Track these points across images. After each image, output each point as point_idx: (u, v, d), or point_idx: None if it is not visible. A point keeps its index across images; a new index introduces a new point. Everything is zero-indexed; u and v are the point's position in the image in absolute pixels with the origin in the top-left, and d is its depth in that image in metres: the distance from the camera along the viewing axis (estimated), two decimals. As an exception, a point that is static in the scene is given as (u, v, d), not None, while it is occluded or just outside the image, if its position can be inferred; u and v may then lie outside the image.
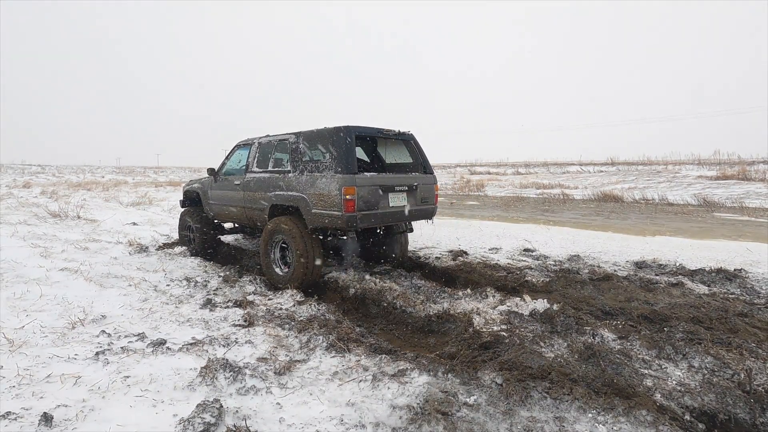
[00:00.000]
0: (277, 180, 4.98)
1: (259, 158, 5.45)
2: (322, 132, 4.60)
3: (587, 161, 35.99)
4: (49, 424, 2.08)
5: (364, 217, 4.30)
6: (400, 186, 4.71)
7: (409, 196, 4.81)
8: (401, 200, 4.73)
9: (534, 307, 3.81)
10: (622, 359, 2.86)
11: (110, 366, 2.71)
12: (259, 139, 5.57)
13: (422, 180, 5.02)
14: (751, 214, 12.35)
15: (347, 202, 4.15)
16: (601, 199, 17.97)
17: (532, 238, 7.65)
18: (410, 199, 4.83)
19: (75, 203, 11.77)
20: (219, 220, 6.43)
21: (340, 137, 4.37)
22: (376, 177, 4.50)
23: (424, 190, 5.01)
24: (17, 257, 5.26)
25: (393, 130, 4.97)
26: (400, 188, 4.70)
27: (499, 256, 6.56)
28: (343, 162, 4.26)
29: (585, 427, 2.14)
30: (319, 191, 4.38)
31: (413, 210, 4.87)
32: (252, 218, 5.48)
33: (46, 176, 32.61)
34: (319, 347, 3.08)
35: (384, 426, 2.17)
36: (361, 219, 4.27)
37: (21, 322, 3.34)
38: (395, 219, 4.72)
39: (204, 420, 2.06)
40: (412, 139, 5.28)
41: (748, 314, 3.77)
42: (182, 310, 3.86)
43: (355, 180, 4.20)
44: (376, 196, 4.41)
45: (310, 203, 4.47)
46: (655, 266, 5.80)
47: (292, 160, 4.88)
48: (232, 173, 5.92)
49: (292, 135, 4.99)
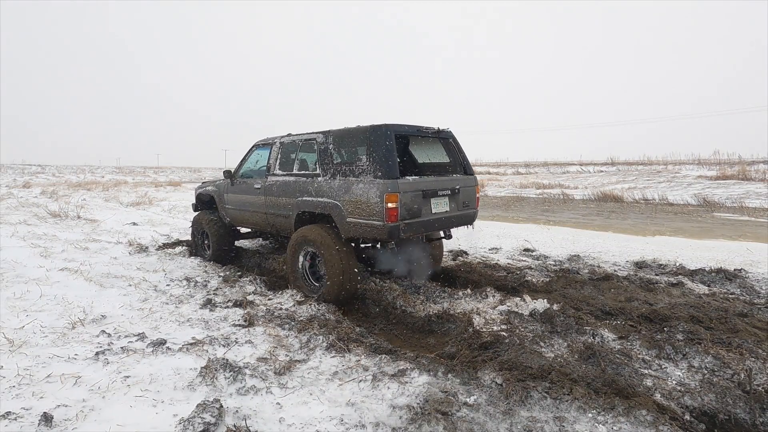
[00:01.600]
0: (304, 184, 4.52)
1: (282, 160, 5.02)
2: (356, 131, 4.17)
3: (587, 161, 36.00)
4: (49, 424, 2.08)
5: (407, 226, 3.87)
6: (443, 190, 4.29)
7: (451, 200, 4.39)
8: (444, 206, 4.31)
9: (534, 307, 3.81)
10: (622, 359, 2.86)
11: (110, 366, 2.71)
12: (281, 138, 5.14)
13: (464, 182, 4.61)
14: (751, 214, 12.35)
15: (390, 211, 3.72)
16: (601, 199, 17.98)
17: (532, 238, 7.65)
18: (452, 203, 4.41)
19: (75, 203, 11.78)
20: (236, 226, 6.01)
21: (379, 137, 3.92)
22: (419, 181, 4.05)
23: (465, 193, 4.59)
24: (17, 257, 5.26)
25: (432, 128, 4.59)
26: (442, 192, 4.28)
27: (499, 256, 6.56)
28: (383, 165, 3.81)
29: (585, 427, 2.14)
30: (356, 198, 3.93)
31: (455, 216, 4.46)
32: (275, 225, 5.06)
33: (46, 176, 32.63)
34: (319, 347, 3.08)
35: (384, 426, 2.17)
36: (404, 229, 3.83)
37: (21, 322, 3.35)
38: (438, 227, 4.33)
39: (204, 420, 2.06)
40: (451, 137, 4.85)
41: (748, 314, 3.77)
42: (182, 310, 3.86)
43: (398, 185, 3.77)
44: (419, 202, 3.98)
45: (345, 211, 4.03)
46: (655, 266, 5.80)
47: (321, 162, 4.42)
48: (251, 176, 5.52)
49: (320, 134, 4.54)
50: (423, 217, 4.03)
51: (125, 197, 15.28)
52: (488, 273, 5.31)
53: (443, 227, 4.42)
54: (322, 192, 4.30)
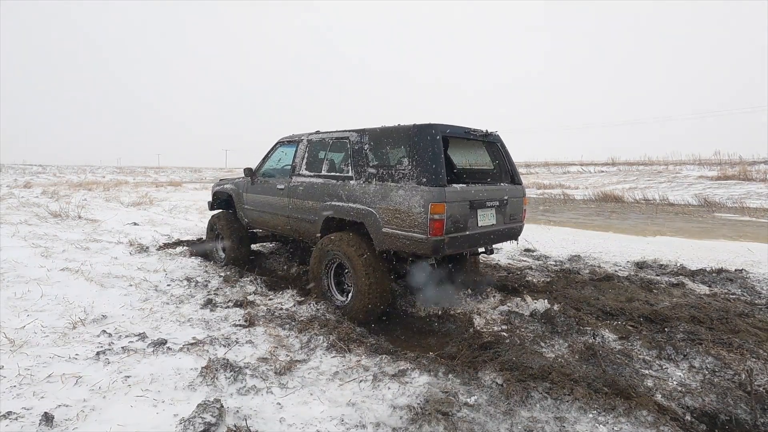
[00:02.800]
0: (334, 187, 4.10)
1: (309, 159, 4.62)
2: (398, 130, 3.75)
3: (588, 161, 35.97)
4: (49, 423, 2.08)
5: (452, 241, 3.44)
6: (491, 201, 3.85)
7: (498, 213, 3.95)
8: (490, 218, 3.87)
9: (534, 308, 3.81)
10: (623, 359, 2.86)
11: (111, 366, 2.71)
12: (309, 135, 4.73)
13: (512, 193, 4.17)
14: (752, 215, 12.33)
15: (435, 223, 3.28)
16: (602, 200, 17.96)
17: (533, 238, 7.64)
18: (499, 216, 3.97)
19: (76, 203, 11.79)
20: (255, 228, 5.62)
21: (425, 139, 3.49)
22: (467, 190, 3.62)
23: (513, 204, 4.14)
24: (18, 257, 5.27)
25: (480, 130, 4.09)
26: (490, 204, 3.84)
27: (499, 256, 6.55)
28: (429, 171, 3.38)
29: (586, 427, 2.14)
30: (395, 206, 3.51)
31: (501, 230, 4.02)
32: (299, 231, 4.65)
33: (47, 176, 32.67)
34: (319, 347, 3.08)
35: (384, 426, 2.17)
36: (449, 244, 3.42)
37: (22, 322, 3.35)
38: (484, 242, 3.89)
39: (204, 420, 2.07)
40: (499, 141, 4.38)
41: (749, 314, 3.77)
42: (183, 310, 3.86)
43: (446, 194, 3.33)
44: (465, 214, 3.55)
45: (381, 220, 3.61)
46: (656, 266, 5.80)
47: (354, 163, 4.00)
48: (274, 175, 5.17)
49: (353, 133, 4.13)
50: (469, 230, 3.60)
51: (126, 197, 15.29)
52: (488, 273, 5.30)
53: (488, 243, 3.97)
54: (354, 197, 3.88)
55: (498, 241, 4.12)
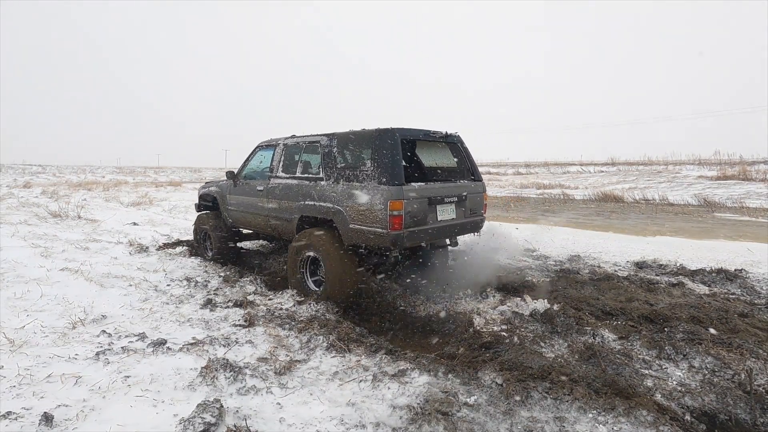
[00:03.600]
0: (307, 188, 4.42)
1: (285, 162, 4.92)
2: (362, 134, 4.08)
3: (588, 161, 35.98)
4: (49, 423, 2.08)
5: (411, 234, 3.78)
6: (450, 197, 4.18)
7: (457, 207, 4.29)
8: (450, 213, 4.20)
9: (534, 307, 3.81)
10: (623, 359, 2.86)
11: (111, 366, 2.72)
12: (285, 140, 5.05)
13: (471, 189, 4.51)
14: (751, 215, 12.34)
15: (394, 219, 3.61)
16: (602, 200, 17.97)
17: (532, 238, 7.64)
18: (458, 211, 4.30)
19: (75, 203, 11.78)
20: (238, 227, 5.98)
21: (385, 141, 3.81)
22: (424, 188, 3.95)
23: (472, 200, 4.49)
24: (18, 257, 5.27)
25: (440, 132, 4.45)
26: (449, 200, 4.17)
27: (499, 256, 6.55)
28: (388, 171, 3.70)
29: (585, 427, 2.14)
30: (359, 204, 3.82)
31: (461, 223, 4.36)
32: (276, 229, 4.96)
33: (47, 176, 32.65)
34: (319, 347, 3.08)
35: (384, 426, 2.17)
36: (408, 237, 3.76)
37: (21, 322, 3.35)
38: (443, 235, 4.24)
39: (204, 420, 2.07)
40: (459, 142, 4.72)
41: (749, 314, 3.77)
42: (183, 310, 3.86)
43: (403, 192, 3.66)
44: (424, 210, 3.87)
45: (348, 217, 3.92)
46: (656, 266, 5.80)
47: (325, 165, 4.30)
48: (254, 177, 5.46)
49: (324, 137, 4.45)
50: (428, 224, 3.93)
51: (126, 197, 15.29)
52: (489, 273, 5.30)
53: (448, 235, 4.33)
54: (325, 197, 4.19)
55: (459, 234, 4.49)
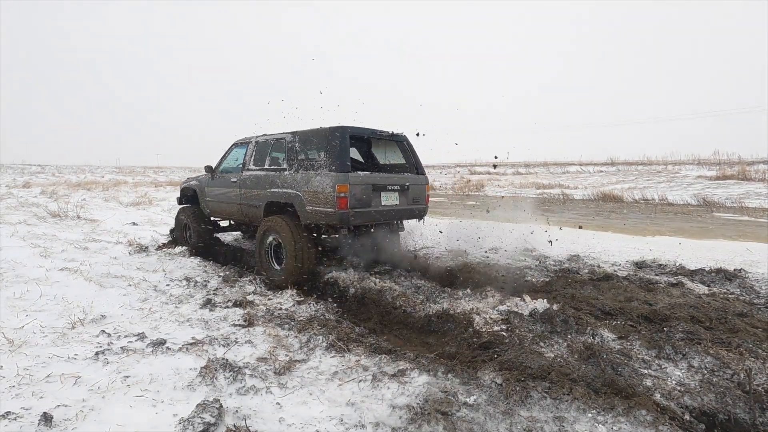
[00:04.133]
0: (273, 177, 5.09)
1: (256, 156, 5.58)
2: (318, 131, 4.77)
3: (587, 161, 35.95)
4: (49, 423, 2.08)
5: (357, 214, 4.48)
6: (392, 186, 4.91)
7: (401, 195, 5.02)
8: (393, 199, 4.93)
9: (534, 307, 3.81)
10: (622, 359, 2.86)
11: (110, 366, 2.71)
12: (257, 137, 5.71)
13: (414, 180, 5.21)
14: (751, 214, 12.35)
15: (340, 200, 4.31)
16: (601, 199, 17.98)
17: (532, 238, 7.64)
18: (402, 198, 5.04)
19: (75, 203, 11.77)
20: (215, 217, 6.58)
21: (336, 137, 4.55)
22: (368, 176, 4.69)
23: (415, 190, 5.20)
24: (17, 257, 5.26)
25: (387, 132, 5.16)
26: (392, 188, 4.90)
27: (498, 255, 6.56)
28: (337, 161, 4.42)
29: (585, 427, 2.14)
30: (314, 189, 4.52)
31: (405, 209, 5.10)
32: (248, 215, 5.62)
33: (46, 176, 32.61)
34: (318, 347, 3.08)
35: (384, 426, 2.17)
36: (354, 216, 4.44)
37: (21, 322, 3.34)
38: (387, 217, 4.94)
39: (204, 420, 2.06)
40: (405, 141, 5.47)
41: (748, 314, 3.77)
42: (182, 310, 3.85)
43: (348, 178, 4.37)
44: (369, 194, 4.58)
45: (305, 200, 4.61)
46: (655, 266, 5.80)
47: (288, 158, 5.01)
48: (230, 171, 6.04)
49: (288, 134, 5.13)
50: (372, 207, 4.65)
51: (125, 197, 15.28)
52: (488, 273, 5.30)
53: (392, 218, 5.09)
54: (287, 184, 4.88)
55: (403, 218, 5.29)
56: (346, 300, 4.39)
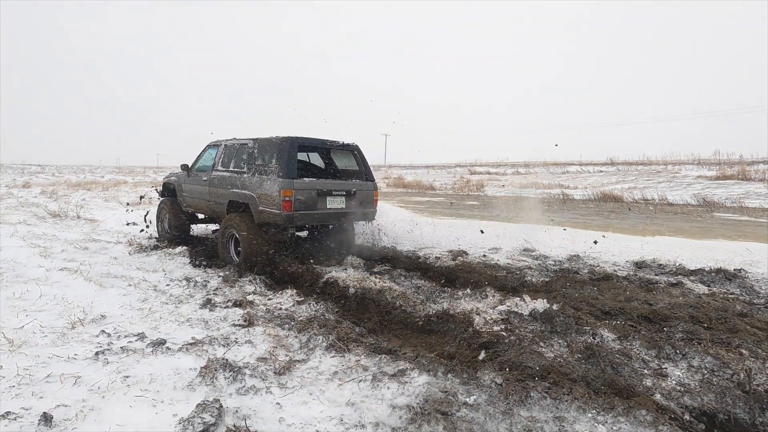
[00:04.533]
0: (235, 179, 5.66)
1: (224, 159, 6.14)
2: (271, 140, 5.31)
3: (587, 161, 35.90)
4: (48, 423, 2.08)
5: (301, 216, 5.01)
6: (338, 191, 5.40)
7: (347, 199, 5.50)
8: (339, 203, 5.42)
9: (534, 307, 3.81)
10: (622, 359, 2.86)
11: (110, 366, 2.71)
12: (226, 141, 6.30)
13: (361, 186, 5.73)
14: (750, 214, 12.36)
15: (285, 203, 4.84)
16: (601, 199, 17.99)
17: (532, 238, 7.64)
18: (348, 202, 5.52)
19: (75, 203, 11.76)
20: (190, 210, 7.16)
21: (285, 146, 5.09)
22: (314, 182, 5.22)
23: (362, 194, 5.70)
24: (17, 257, 5.25)
25: (337, 142, 5.74)
26: (337, 193, 5.39)
27: (498, 255, 6.56)
28: (284, 168, 4.95)
29: (585, 427, 2.14)
30: (265, 192, 5.06)
31: (351, 212, 5.58)
32: (215, 211, 6.23)
33: (46, 176, 32.60)
34: (318, 347, 3.08)
35: (384, 426, 2.17)
36: (298, 218, 4.98)
37: (21, 322, 3.34)
38: (332, 219, 5.43)
39: (204, 420, 2.06)
40: (356, 150, 6.03)
41: (748, 314, 3.77)
42: (182, 310, 3.85)
43: (293, 184, 4.91)
44: (314, 198, 5.12)
45: (258, 202, 5.13)
46: (655, 266, 5.80)
47: (248, 162, 5.54)
48: (202, 170, 6.60)
49: (250, 140, 5.69)
50: (318, 210, 5.18)
51: (125, 197, 15.26)
52: (488, 273, 5.30)
53: (337, 220, 5.54)
54: (245, 186, 5.41)
55: (350, 220, 5.76)
56: (346, 300, 4.38)
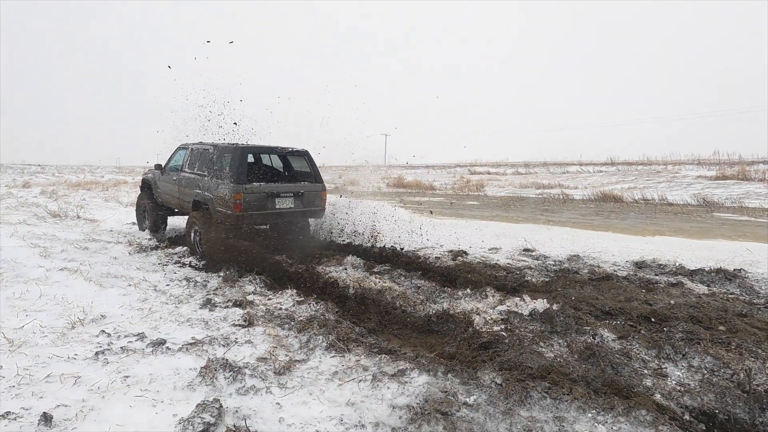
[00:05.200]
0: (198, 181, 6.35)
1: (191, 161, 6.78)
2: (227, 148, 6.04)
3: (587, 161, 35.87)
4: (48, 423, 2.08)
5: (252, 215, 5.68)
6: (286, 193, 6.03)
7: (296, 199, 6.13)
8: (288, 203, 6.06)
9: (534, 307, 3.81)
10: (622, 359, 2.87)
11: (110, 366, 2.71)
12: (193, 145, 6.96)
13: (309, 188, 6.35)
14: (750, 214, 12.36)
15: (236, 205, 5.52)
16: (601, 199, 17.99)
17: (532, 238, 7.64)
18: (297, 202, 6.15)
19: (75, 203, 11.76)
20: (164, 204, 7.83)
21: (237, 154, 5.79)
22: (263, 186, 5.86)
23: (310, 195, 6.31)
24: (17, 257, 5.25)
25: (287, 148, 6.49)
26: (285, 194, 6.01)
27: (499, 256, 6.56)
28: (235, 174, 5.65)
29: (585, 426, 2.14)
30: (220, 194, 5.74)
31: (299, 211, 6.23)
32: (183, 207, 6.95)
33: (46, 176, 32.58)
34: (318, 347, 3.07)
35: (384, 426, 2.17)
36: (248, 217, 5.67)
37: (21, 322, 3.34)
38: (282, 218, 6.13)
39: (204, 420, 2.06)
40: (306, 155, 6.67)
41: (748, 314, 3.77)
42: (182, 310, 3.85)
43: (243, 188, 5.60)
44: (263, 200, 5.77)
45: (215, 203, 5.83)
46: (655, 266, 5.80)
47: (207, 166, 6.24)
48: (174, 169, 7.25)
49: (211, 146, 6.39)
50: (267, 210, 5.83)
51: (125, 197, 15.26)
52: (488, 273, 5.30)
53: (288, 218, 6.28)
54: (206, 188, 6.09)
55: (298, 218, 6.52)
56: (346, 300, 4.38)
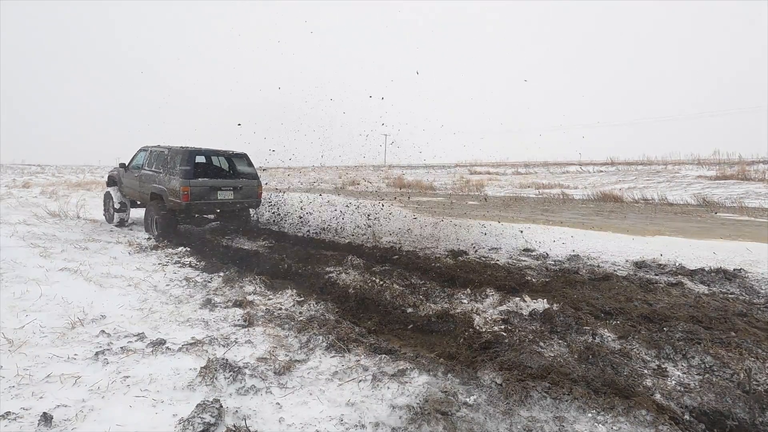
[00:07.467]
0: (154, 177, 7.88)
1: (149, 160, 8.29)
2: (178, 150, 7.53)
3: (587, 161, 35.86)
4: (48, 424, 2.08)
5: (198, 205, 7.29)
6: (226, 186, 7.76)
7: (235, 192, 7.84)
8: (228, 195, 7.75)
9: (534, 307, 3.81)
10: (622, 359, 2.87)
11: (110, 366, 2.71)
12: (152, 147, 8.42)
13: (246, 183, 8.07)
14: (750, 214, 12.37)
15: (184, 195, 7.08)
16: (601, 199, 17.99)
17: (532, 238, 7.65)
18: (236, 194, 7.87)
19: (74, 203, 11.76)
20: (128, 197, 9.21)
21: (186, 155, 7.38)
22: (206, 181, 7.56)
23: (247, 190, 8.07)
24: (17, 257, 5.25)
25: (228, 151, 8.36)
26: (225, 188, 7.73)
27: (498, 255, 6.56)
28: (184, 171, 7.25)
29: (585, 426, 2.14)
30: (172, 187, 7.31)
31: (238, 201, 7.96)
32: (143, 199, 8.47)
33: (46, 176, 32.56)
34: (318, 347, 3.07)
35: (384, 426, 2.17)
36: (195, 206, 7.26)
37: (21, 322, 3.34)
38: (224, 207, 7.85)
39: (204, 420, 2.06)
40: (245, 157, 8.48)
41: (748, 314, 3.77)
42: (182, 310, 3.85)
43: (189, 182, 7.18)
44: (207, 192, 7.41)
45: (168, 194, 7.41)
46: (655, 266, 5.80)
47: (163, 165, 7.77)
48: (136, 167, 8.76)
49: (167, 148, 7.85)
50: (211, 200, 7.50)
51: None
52: (488, 273, 5.30)
53: (229, 207, 7.98)
54: (160, 182, 7.67)
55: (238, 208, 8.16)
56: (346, 300, 4.38)
